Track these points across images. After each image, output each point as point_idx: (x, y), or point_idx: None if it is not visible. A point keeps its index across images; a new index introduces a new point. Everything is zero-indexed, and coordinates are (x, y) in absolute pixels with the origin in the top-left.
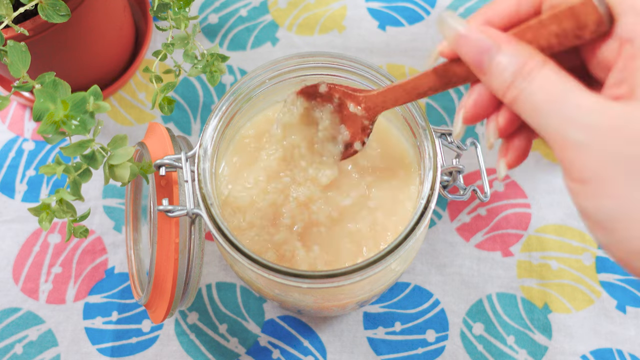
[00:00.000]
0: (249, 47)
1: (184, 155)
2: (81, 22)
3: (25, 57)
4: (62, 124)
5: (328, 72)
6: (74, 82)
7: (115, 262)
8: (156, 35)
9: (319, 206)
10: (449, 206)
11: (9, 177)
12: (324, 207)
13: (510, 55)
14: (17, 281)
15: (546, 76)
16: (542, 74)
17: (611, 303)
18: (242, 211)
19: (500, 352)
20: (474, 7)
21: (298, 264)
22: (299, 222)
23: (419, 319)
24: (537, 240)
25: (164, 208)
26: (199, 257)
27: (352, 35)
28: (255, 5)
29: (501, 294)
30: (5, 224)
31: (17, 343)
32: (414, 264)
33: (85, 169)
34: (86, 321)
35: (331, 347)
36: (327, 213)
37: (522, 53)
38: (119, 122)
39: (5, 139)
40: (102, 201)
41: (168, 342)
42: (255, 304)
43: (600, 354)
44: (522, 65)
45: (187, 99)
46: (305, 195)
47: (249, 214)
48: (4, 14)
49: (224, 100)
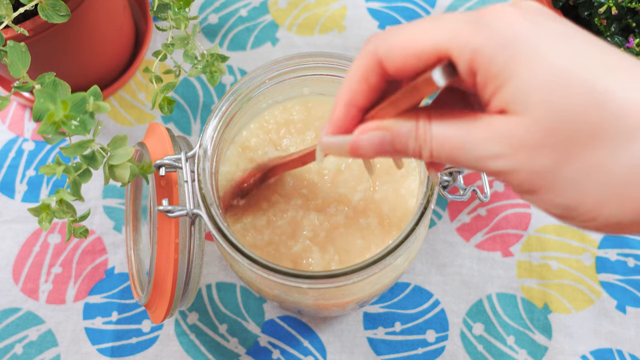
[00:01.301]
0: (249, 47)
1: (184, 156)
2: (81, 22)
3: (25, 57)
4: (62, 124)
5: (328, 72)
6: (74, 82)
7: (115, 262)
8: (156, 36)
9: (336, 207)
10: (449, 206)
11: (9, 177)
12: (340, 207)
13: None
14: (17, 281)
15: (439, 134)
16: (434, 133)
17: (611, 303)
18: (258, 230)
19: (500, 352)
20: (474, 7)
21: (313, 267)
22: (322, 231)
23: (419, 319)
24: (537, 241)
25: (164, 208)
26: (199, 257)
27: (352, 35)
28: (255, 5)
29: (501, 294)
30: (5, 224)
31: (17, 343)
32: (414, 264)
33: (85, 169)
34: (86, 321)
35: (331, 347)
36: (345, 213)
37: (405, 124)
38: (119, 122)
39: (5, 139)
40: (102, 201)
41: (168, 343)
42: (255, 304)
43: (600, 354)
44: (415, 134)
45: (187, 99)
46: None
47: (267, 233)
48: (4, 14)
49: (224, 101)
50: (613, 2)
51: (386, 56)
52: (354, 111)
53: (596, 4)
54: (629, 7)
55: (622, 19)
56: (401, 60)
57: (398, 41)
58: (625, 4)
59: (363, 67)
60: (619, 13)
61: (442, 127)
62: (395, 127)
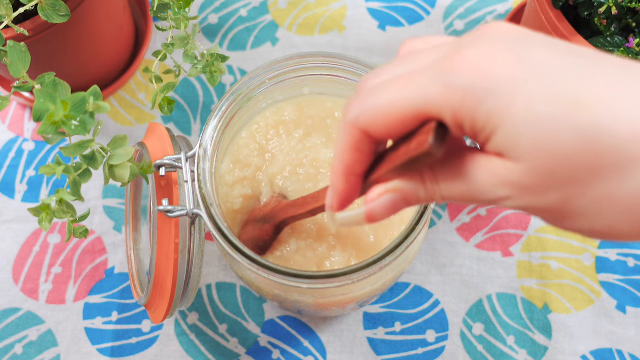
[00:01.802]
0: (249, 47)
1: (184, 156)
2: (81, 23)
3: (25, 57)
4: (62, 124)
5: (328, 72)
6: (74, 82)
7: (115, 262)
8: (156, 36)
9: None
10: (449, 206)
11: (9, 177)
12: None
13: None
14: (17, 281)
15: (446, 190)
16: (442, 189)
17: (611, 303)
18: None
19: (500, 352)
20: (474, 7)
21: (335, 266)
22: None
23: (419, 319)
24: (537, 241)
25: (164, 208)
26: (199, 257)
27: (352, 35)
28: (255, 5)
29: (501, 294)
30: (5, 224)
31: (17, 343)
32: (414, 264)
33: (85, 169)
34: (86, 321)
35: (331, 347)
36: None
37: (413, 184)
38: (119, 122)
39: (5, 139)
40: (102, 201)
41: (168, 343)
42: (255, 304)
43: (600, 354)
44: (424, 188)
45: (187, 99)
46: None
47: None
48: (4, 14)
49: (224, 101)
50: (613, 2)
51: (369, 126)
52: (354, 179)
53: (596, 4)
54: (629, 7)
55: (622, 19)
56: (385, 128)
57: (377, 111)
58: (625, 4)
59: (350, 139)
60: (619, 13)
61: (449, 185)
62: (403, 188)
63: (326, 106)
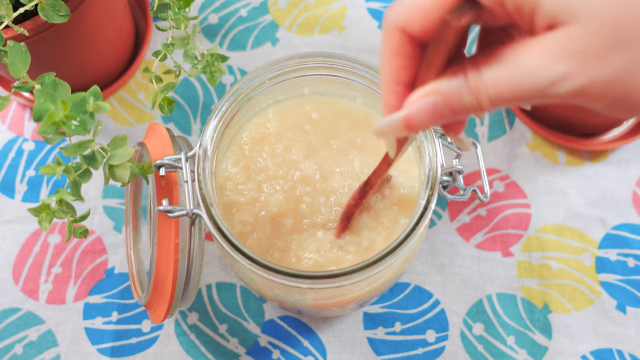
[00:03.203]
0: (249, 47)
1: (184, 156)
2: (81, 22)
3: (25, 57)
4: (62, 124)
5: (328, 73)
6: (74, 82)
7: (115, 262)
8: (156, 36)
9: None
10: (449, 206)
11: (9, 177)
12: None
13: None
14: (17, 281)
15: (492, 78)
16: (487, 79)
17: (611, 303)
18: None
19: (500, 352)
20: None
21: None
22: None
23: (419, 319)
24: (537, 241)
25: (164, 208)
26: (199, 257)
27: (352, 35)
28: (255, 5)
29: (501, 294)
30: (5, 224)
31: (17, 343)
32: (414, 264)
33: (85, 169)
34: (86, 321)
35: (331, 347)
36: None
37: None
38: (119, 122)
39: (5, 139)
40: (102, 201)
41: (168, 343)
42: (255, 304)
43: (600, 354)
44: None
45: (187, 99)
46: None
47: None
48: (4, 14)
49: (224, 101)
50: None
51: (407, 22)
52: (401, 89)
53: None
54: None
55: None
56: (422, 18)
57: (412, 3)
58: None
59: (391, 42)
60: None
61: (493, 70)
62: (442, 87)
63: (330, 106)
